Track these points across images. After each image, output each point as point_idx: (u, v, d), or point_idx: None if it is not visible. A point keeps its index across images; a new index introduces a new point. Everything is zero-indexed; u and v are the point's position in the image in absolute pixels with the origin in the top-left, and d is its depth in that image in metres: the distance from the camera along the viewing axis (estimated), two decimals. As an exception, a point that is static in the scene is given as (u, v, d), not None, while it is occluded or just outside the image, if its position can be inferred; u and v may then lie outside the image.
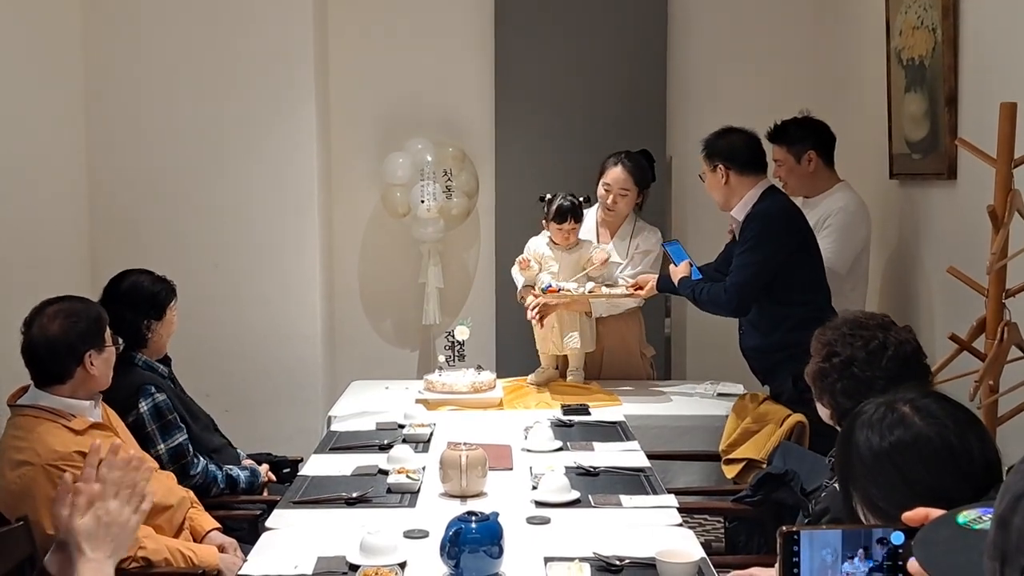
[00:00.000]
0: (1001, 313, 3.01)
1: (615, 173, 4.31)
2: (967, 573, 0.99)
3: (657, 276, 4.15)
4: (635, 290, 4.14)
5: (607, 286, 4.17)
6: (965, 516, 1.06)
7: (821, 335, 2.39)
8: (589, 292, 4.08)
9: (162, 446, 3.15)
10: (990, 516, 0.99)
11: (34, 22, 4.47)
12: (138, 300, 3.27)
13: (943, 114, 3.76)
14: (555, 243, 4.22)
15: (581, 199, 4.22)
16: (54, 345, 2.69)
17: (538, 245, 4.27)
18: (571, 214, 4.16)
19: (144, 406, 3.15)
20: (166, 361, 3.43)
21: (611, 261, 4.32)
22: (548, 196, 4.23)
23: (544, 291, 4.05)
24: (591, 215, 4.45)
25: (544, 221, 4.24)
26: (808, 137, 4.11)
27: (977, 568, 0.93)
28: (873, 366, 2.24)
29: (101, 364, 2.78)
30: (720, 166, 3.76)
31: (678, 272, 3.97)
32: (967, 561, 1.00)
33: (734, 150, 3.77)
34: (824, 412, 2.39)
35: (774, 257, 3.63)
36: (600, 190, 4.35)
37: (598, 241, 4.38)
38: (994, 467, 1.56)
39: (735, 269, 3.71)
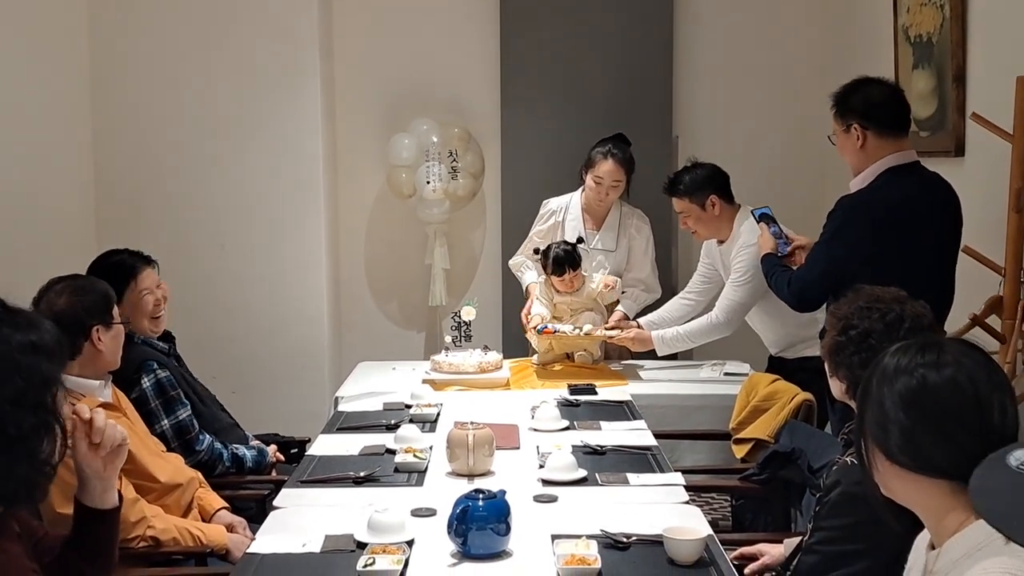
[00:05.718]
0: (1019, 292, 2.99)
1: (608, 167, 4.27)
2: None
3: (641, 327, 4.10)
4: (624, 328, 4.11)
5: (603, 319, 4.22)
6: (1017, 458, 1.05)
7: (836, 310, 2.37)
8: (585, 334, 4.10)
9: (166, 422, 3.15)
10: None
11: (39, 6, 4.46)
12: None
13: (951, 91, 3.74)
14: (559, 291, 4.23)
15: (574, 242, 4.20)
16: (61, 319, 2.67)
17: (541, 292, 4.28)
18: (568, 263, 4.13)
19: (146, 382, 3.14)
20: (167, 339, 3.42)
21: (602, 249, 4.37)
22: (542, 249, 4.24)
23: (540, 332, 4.08)
24: (575, 202, 4.44)
25: (544, 271, 4.24)
26: (705, 182, 3.94)
27: None
28: (891, 338, 2.21)
29: (109, 341, 2.78)
30: (855, 126, 3.13)
31: (765, 246, 3.56)
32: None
33: (873, 106, 3.12)
34: (838, 387, 2.37)
35: (848, 259, 3.09)
36: (590, 181, 4.32)
37: (584, 229, 4.38)
38: (1008, 438, 1.54)
39: (806, 261, 3.32)
